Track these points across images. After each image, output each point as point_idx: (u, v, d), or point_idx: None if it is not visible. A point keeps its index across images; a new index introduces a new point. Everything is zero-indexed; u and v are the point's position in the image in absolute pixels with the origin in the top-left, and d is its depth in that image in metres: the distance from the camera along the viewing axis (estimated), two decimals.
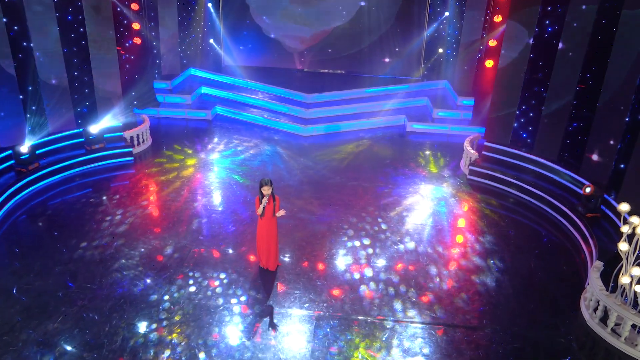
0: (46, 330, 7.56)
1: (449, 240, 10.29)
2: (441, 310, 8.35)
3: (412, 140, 15.16)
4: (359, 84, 17.44)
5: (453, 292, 8.80)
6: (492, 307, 8.48)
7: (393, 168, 13.27)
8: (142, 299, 8.26)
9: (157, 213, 10.86)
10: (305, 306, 8.31)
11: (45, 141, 11.99)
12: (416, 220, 10.91)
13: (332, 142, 14.83)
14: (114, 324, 7.74)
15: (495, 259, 9.73)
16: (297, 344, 7.61)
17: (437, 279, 9.13)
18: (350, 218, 10.84)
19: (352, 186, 12.22)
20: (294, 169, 13.03)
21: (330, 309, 8.28)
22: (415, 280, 9.07)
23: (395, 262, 9.52)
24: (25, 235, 10.00)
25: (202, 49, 18.14)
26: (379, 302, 8.48)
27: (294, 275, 9.02)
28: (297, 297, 8.49)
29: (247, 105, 16.59)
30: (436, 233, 10.51)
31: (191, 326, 7.79)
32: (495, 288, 8.93)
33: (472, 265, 9.52)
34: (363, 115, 16.12)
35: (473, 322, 8.15)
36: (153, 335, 7.60)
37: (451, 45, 17.23)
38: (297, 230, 10.30)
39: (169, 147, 13.97)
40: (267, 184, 8.26)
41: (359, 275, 9.13)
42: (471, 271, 9.37)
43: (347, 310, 8.26)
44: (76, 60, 12.45)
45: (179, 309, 8.10)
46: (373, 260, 9.56)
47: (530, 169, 12.24)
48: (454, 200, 11.84)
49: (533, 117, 12.46)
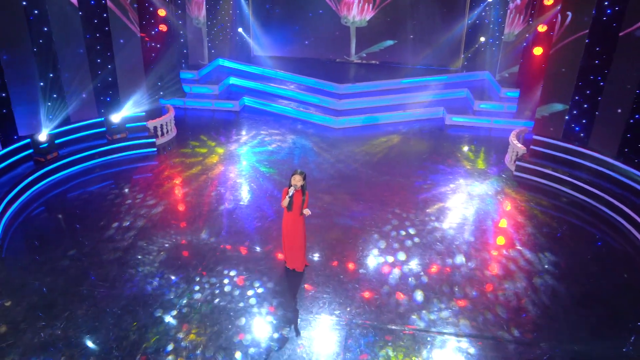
0: (52, 332, 6.94)
1: (495, 243, 9.29)
2: (488, 322, 7.39)
3: (452, 133, 14.13)
4: (394, 75, 16.48)
5: (501, 301, 7.81)
6: (548, 319, 7.46)
7: (431, 163, 12.30)
8: (157, 299, 7.57)
9: (179, 207, 10.19)
10: (336, 312, 7.47)
11: (65, 130, 11.48)
12: (457, 220, 9.94)
13: (365, 135, 13.95)
14: (124, 326, 7.06)
15: (549, 264, 8.69)
16: (325, 354, 6.79)
17: (483, 285, 8.16)
18: (384, 216, 9.95)
19: (387, 181, 11.32)
20: (324, 163, 12.21)
21: (362, 315, 7.42)
22: (458, 286, 8.12)
23: (435, 266, 8.59)
24: (41, 228, 9.45)
25: (231, 38, 17.49)
26: (416, 310, 7.57)
27: (323, 277, 8.18)
28: (326, 302, 7.65)
29: (276, 96, 15.84)
30: (480, 234, 9.51)
31: (208, 331, 7.04)
32: (550, 297, 7.90)
33: (521, 271, 8.51)
34: (398, 107, 15.17)
35: (526, 337, 7.16)
36: (166, 339, 6.89)
37: (494, 33, 16.09)
38: (326, 228, 9.47)
39: (194, 139, 13.33)
40: (299, 174, 7.47)
41: (395, 278, 8.24)
42: (521, 278, 8.35)
43: (381, 318, 7.38)
44: (99, 47, 11.90)
45: (195, 312, 7.37)
46: (410, 262, 8.65)
47: (585, 166, 11.09)
48: (499, 199, 10.80)
49: (588, 109, 11.30)
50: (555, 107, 12.23)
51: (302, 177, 7.47)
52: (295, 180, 7.44)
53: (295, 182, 7.45)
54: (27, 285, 7.79)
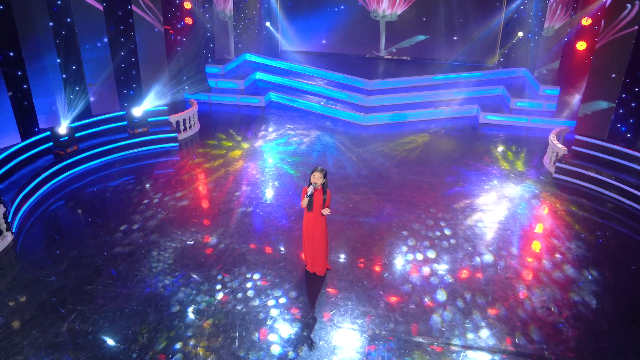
0: (58, 332, 6.61)
1: (532, 250, 8.61)
2: (525, 337, 6.75)
3: (486, 132, 13.41)
4: (426, 71, 15.83)
5: (540, 315, 7.15)
6: (593, 336, 6.77)
7: (463, 163, 11.64)
8: (169, 300, 7.19)
9: (199, 204, 9.81)
10: (358, 321, 6.95)
11: (86, 123, 11.26)
12: (492, 224, 9.29)
13: (394, 133, 13.36)
14: (134, 329, 6.69)
15: (593, 275, 7.96)
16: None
17: (519, 296, 7.51)
18: (413, 218, 9.37)
19: (416, 182, 10.72)
20: (351, 161, 11.68)
21: (387, 325, 6.87)
22: (493, 296, 7.48)
23: (468, 273, 7.97)
24: (57, 222, 9.22)
25: (258, 32, 17.11)
26: (447, 322, 6.98)
27: (346, 282, 7.66)
28: (348, 310, 7.13)
29: (303, 91, 15.38)
30: (516, 240, 8.84)
31: (221, 338, 6.61)
32: (594, 312, 7.20)
33: (562, 282, 7.81)
34: (430, 105, 14.52)
35: (568, 355, 6.49)
36: (177, 344, 6.48)
37: (533, 28, 15.26)
38: (351, 229, 8.95)
39: (217, 134, 12.99)
40: (320, 172, 6.96)
41: (422, 285, 7.66)
42: (562, 289, 7.66)
43: (408, 329, 6.82)
44: (123, 40, 11.65)
45: (209, 316, 6.95)
46: (440, 269, 8.06)
47: (632, 168, 10.27)
48: (537, 202, 10.09)
49: (636, 108, 10.46)
50: (600, 105, 11.41)
51: (322, 175, 6.96)
52: (315, 178, 6.94)
53: (314, 180, 6.94)
54: (40, 282, 7.51)
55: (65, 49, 10.88)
